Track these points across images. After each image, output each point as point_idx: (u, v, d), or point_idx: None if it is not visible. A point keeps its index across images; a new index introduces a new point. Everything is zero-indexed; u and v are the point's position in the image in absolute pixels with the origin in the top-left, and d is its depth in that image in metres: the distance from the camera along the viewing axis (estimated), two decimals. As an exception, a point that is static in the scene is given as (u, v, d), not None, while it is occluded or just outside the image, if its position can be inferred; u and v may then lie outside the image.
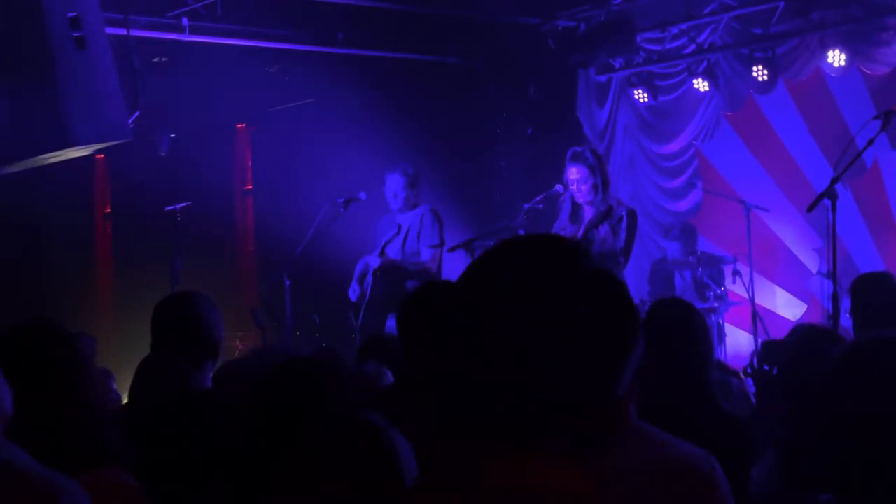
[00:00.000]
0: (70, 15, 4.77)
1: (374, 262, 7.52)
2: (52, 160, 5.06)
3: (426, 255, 7.50)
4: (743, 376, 4.29)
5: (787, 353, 3.39)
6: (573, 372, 1.29)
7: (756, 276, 8.74)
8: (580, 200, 6.84)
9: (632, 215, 6.78)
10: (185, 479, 2.32)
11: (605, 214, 6.69)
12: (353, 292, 7.67)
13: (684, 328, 3.29)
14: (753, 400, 4.21)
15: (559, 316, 1.29)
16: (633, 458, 2.51)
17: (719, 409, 3.23)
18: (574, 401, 1.29)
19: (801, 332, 3.51)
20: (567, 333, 1.29)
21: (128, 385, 3.77)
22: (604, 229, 6.69)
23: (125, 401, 4.45)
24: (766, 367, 3.79)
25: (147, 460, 2.48)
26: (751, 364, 3.90)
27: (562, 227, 6.96)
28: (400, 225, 7.56)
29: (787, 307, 9.51)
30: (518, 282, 1.31)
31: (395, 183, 7.56)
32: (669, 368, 3.18)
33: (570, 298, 1.30)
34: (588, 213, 6.86)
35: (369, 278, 7.59)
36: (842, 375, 2.03)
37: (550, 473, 1.28)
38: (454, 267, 7.17)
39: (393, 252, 7.53)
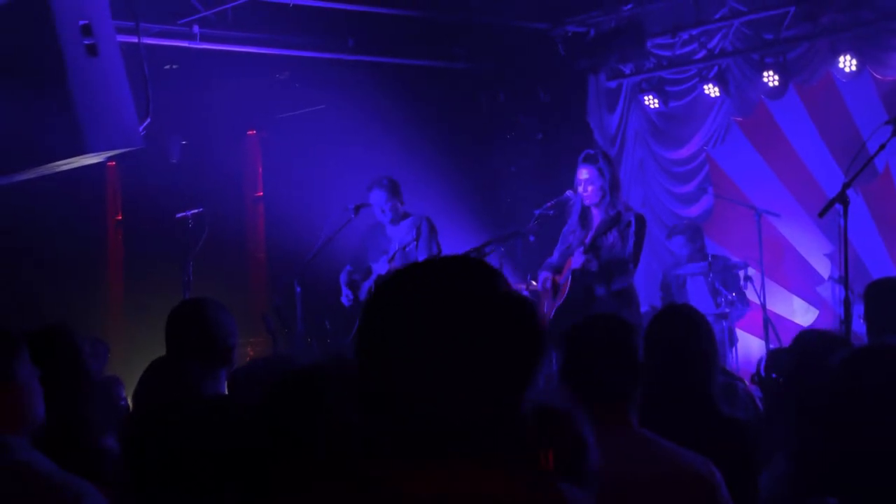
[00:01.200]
0: (81, 22, 4.79)
1: (381, 268, 7.53)
2: (64, 167, 5.08)
3: None
4: (750, 384, 4.28)
5: (793, 359, 3.38)
6: (474, 389, 1.31)
7: (767, 282, 8.71)
8: (587, 202, 6.82)
9: (640, 221, 6.75)
10: (197, 484, 2.32)
11: (614, 220, 6.67)
12: (347, 298, 7.69)
13: (689, 335, 3.28)
14: (759, 404, 4.21)
15: (462, 336, 1.32)
16: (644, 469, 2.53)
17: (721, 415, 3.23)
18: (475, 416, 1.31)
19: (805, 339, 3.51)
20: (469, 353, 1.31)
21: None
22: (612, 235, 6.67)
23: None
24: (773, 375, 3.78)
25: (157, 465, 2.48)
26: (758, 372, 3.89)
27: (571, 230, 6.95)
28: (419, 229, 7.56)
29: (799, 313, 9.48)
30: (426, 303, 1.34)
31: (378, 198, 7.58)
32: (674, 374, 3.18)
33: (474, 320, 1.33)
34: (596, 217, 6.84)
35: (368, 284, 7.60)
36: (840, 381, 2.03)
37: (468, 482, 1.29)
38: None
39: (394, 261, 7.55)
